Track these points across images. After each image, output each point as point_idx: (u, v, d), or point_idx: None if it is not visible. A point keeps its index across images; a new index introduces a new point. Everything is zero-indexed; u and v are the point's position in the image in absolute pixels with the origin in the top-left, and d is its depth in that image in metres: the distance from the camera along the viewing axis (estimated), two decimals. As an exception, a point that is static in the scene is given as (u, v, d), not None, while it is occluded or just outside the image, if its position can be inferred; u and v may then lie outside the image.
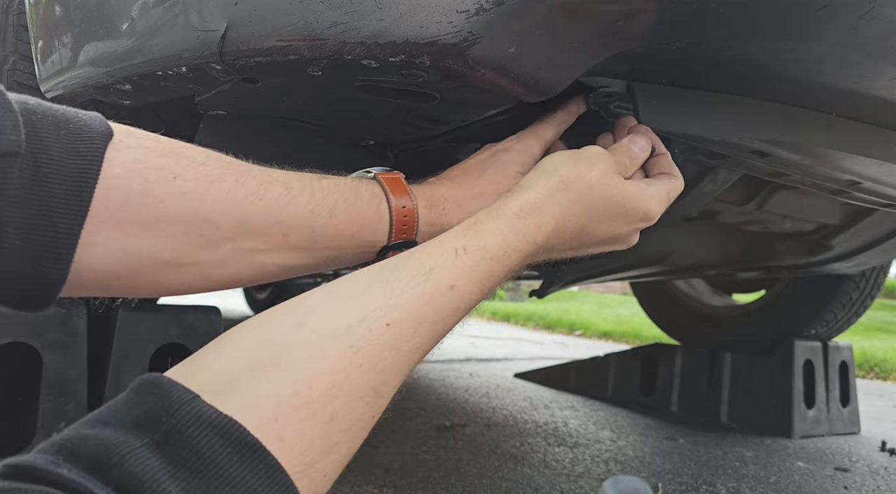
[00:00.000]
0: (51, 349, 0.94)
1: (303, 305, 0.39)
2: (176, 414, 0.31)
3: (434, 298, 0.41)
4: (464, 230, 0.46)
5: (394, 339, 0.38)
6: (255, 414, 0.32)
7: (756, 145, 0.70)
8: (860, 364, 3.99)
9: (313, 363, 0.35)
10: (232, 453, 0.31)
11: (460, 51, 0.47)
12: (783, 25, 0.53)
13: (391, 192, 0.52)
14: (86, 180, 0.39)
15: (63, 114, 0.40)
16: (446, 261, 0.43)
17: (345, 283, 0.41)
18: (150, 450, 0.29)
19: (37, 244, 0.38)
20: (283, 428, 0.33)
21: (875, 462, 1.66)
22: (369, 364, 0.37)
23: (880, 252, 1.39)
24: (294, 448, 0.33)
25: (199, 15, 0.52)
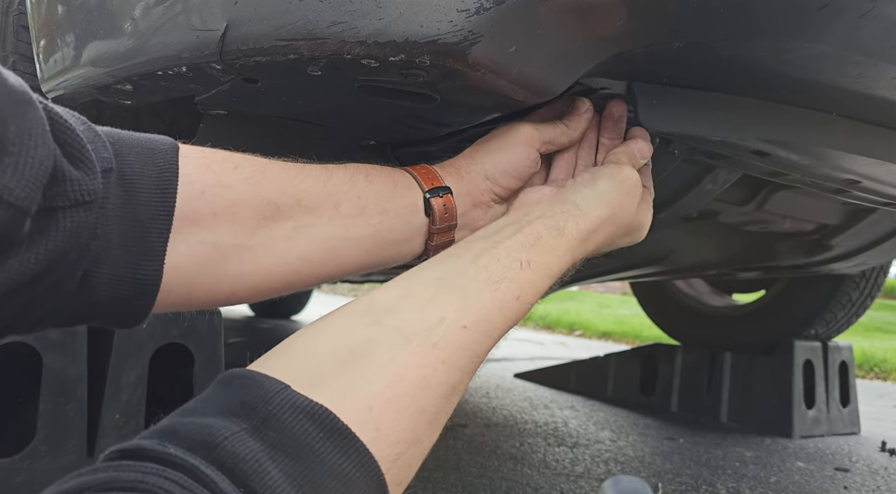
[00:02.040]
0: (51, 349, 0.94)
1: (379, 304, 0.41)
2: (271, 402, 0.32)
3: (503, 306, 0.44)
4: (528, 243, 0.48)
5: (469, 341, 0.41)
6: (350, 405, 0.34)
7: (756, 145, 0.70)
8: (860, 364, 3.99)
9: (402, 358, 0.37)
10: (325, 439, 0.32)
11: (461, 50, 0.47)
12: (784, 25, 0.53)
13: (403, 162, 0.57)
14: (168, 186, 0.42)
15: (133, 135, 0.44)
16: (513, 273, 0.45)
17: (414, 282, 0.43)
18: (250, 435, 0.31)
19: (134, 251, 0.41)
20: (378, 419, 0.35)
21: (875, 462, 1.66)
22: (450, 361, 0.39)
23: (880, 252, 1.39)
24: (388, 438, 0.35)
25: (198, 15, 0.52)
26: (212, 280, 0.46)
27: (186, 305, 0.47)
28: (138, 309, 0.43)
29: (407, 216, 0.53)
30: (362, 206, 0.51)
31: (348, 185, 0.50)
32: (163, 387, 1.04)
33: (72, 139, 0.36)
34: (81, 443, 0.95)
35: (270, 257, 0.48)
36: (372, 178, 0.52)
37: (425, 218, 0.54)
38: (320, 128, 0.72)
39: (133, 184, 0.41)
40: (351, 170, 0.52)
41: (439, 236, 0.55)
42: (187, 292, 0.45)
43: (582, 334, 5.80)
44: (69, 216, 0.36)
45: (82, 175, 0.36)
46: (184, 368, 1.05)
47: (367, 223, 0.51)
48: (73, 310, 0.41)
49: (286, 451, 0.31)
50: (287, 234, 0.48)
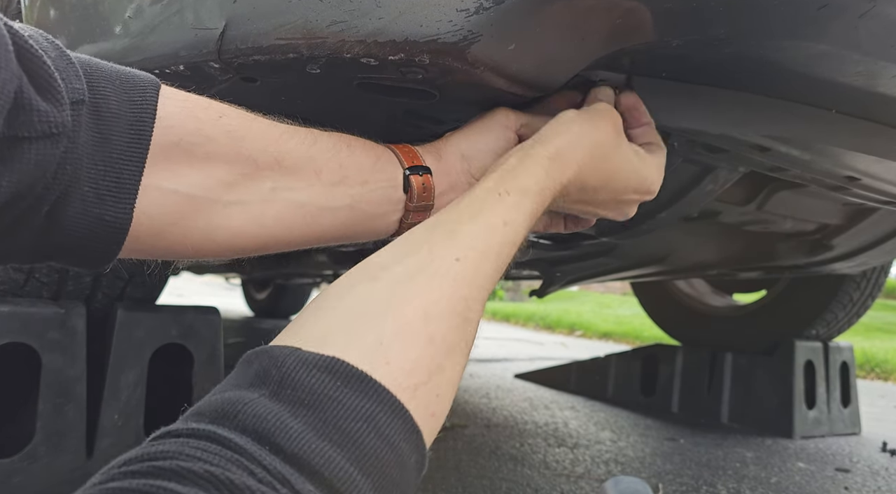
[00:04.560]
0: (50, 349, 0.94)
1: (375, 263, 0.42)
2: (283, 365, 0.33)
3: (492, 233, 0.44)
4: (499, 176, 0.49)
5: (466, 270, 0.42)
6: (358, 349, 0.35)
7: (756, 140, 0.70)
8: (861, 364, 3.99)
9: (399, 297, 0.38)
10: (342, 385, 0.33)
11: (460, 49, 0.47)
12: (783, 25, 0.53)
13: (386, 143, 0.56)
14: (144, 126, 0.41)
15: (114, 67, 0.42)
16: (492, 203, 0.46)
17: (405, 239, 0.44)
18: (269, 398, 0.32)
19: (104, 190, 0.40)
20: (386, 352, 0.35)
21: (876, 462, 1.66)
22: (450, 291, 0.40)
23: (881, 252, 1.38)
24: (402, 369, 0.35)
25: (197, 13, 0.52)
26: (181, 231, 0.45)
27: (152, 254, 0.46)
28: (104, 251, 0.42)
29: (386, 191, 0.53)
30: (343, 175, 0.50)
31: (331, 153, 0.50)
32: (162, 387, 1.04)
33: (39, 67, 0.35)
34: (80, 444, 0.95)
35: (245, 216, 0.47)
36: (354, 149, 0.51)
37: (403, 194, 0.54)
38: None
39: (106, 121, 0.40)
40: (335, 137, 0.51)
41: (415, 215, 0.55)
42: (154, 241, 0.44)
43: (582, 334, 5.80)
44: (34, 148, 0.35)
45: (50, 106, 0.35)
46: (183, 368, 1.05)
47: (346, 193, 0.50)
48: (37, 248, 0.40)
49: (305, 404, 0.32)
50: (264, 195, 0.47)
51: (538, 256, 1.33)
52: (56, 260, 0.42)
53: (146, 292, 1.09)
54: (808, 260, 1.43)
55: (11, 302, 0.93)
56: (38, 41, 0.36)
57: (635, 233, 1.04)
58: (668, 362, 2.14)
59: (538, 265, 1.44)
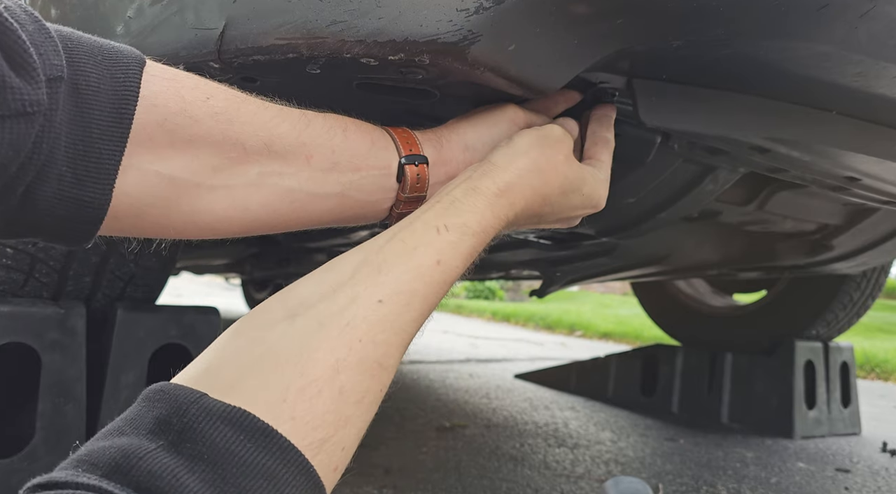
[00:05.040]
0: (50, 349, 0.94)
1: (294, 296, 0.40)
2: (186, 414, 0.31)
3: (422, 273, 0.42)
4: (443, 208, 0.47)
5: (389, 314, 0.40)
6: (263, 400, 0.33)
7: (756, 141, 0.70)
8: (861, 364, 3.99)
9: (313, 345, 0.36)
10: (245, 440, 0.31)
11: (460, 49, 0.47)
12: (783, 25, 0.53)
13: (384, 126, 0.55)
14: (126, 106, 0.39)
15: (97, 41, 0.40)
16: (430, 239, 0.44)
17: (332, 269, 0.42)
18: (166, 450, 0.30)
19: (82, 170, 0.38)
20: (292, 408, 0.34)
21: (876, 462, 1.66)
22: (367, 338, 0.38)
23: (881, 252, 1.38)
24: (307, 425, 0.34)
25: (197, 13, 0.52)
26: (162, 213, 0.43)
27: (132, 233, 0.45)
28: (83, 230, 0.41)
29: (378, 179, 0.51)
30: (335, 162, 0.48)
31: (324, 138, 0.48)
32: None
33: (13, 41, 0.33)
34: (81, 444, 0.95)
35: (229, 200, 0.45)
36: (349, 134, 0.50)
37: (396, 183, 0.52)
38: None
39: (86, 98, 0.38)
40: (329, 121, 0.49)
41: (406, 205, 0.53)
42: (135, 221, 0.43)
43: (582, 334, 5.79)
44: (8, 127, 0.33)
45: (24, 83, 0.33)
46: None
47: (336, 180, 0.49)
48: (11, 226, 0.39)
49: (205, 460, 0.30)
50: (251, 180, 0.46)
51: (538, 256, 1.33)
52: (32, 237, 0.41)
53: (146, 292, 1.09)
54: (808, 260, 1.43)
55: (11, 302, 0.93)
56: (14, 13, 0.35)
57: (635, 233, 1.04)
58: (669, 362, 2.14)
59: (538, 265, 1.44)
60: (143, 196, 0.42)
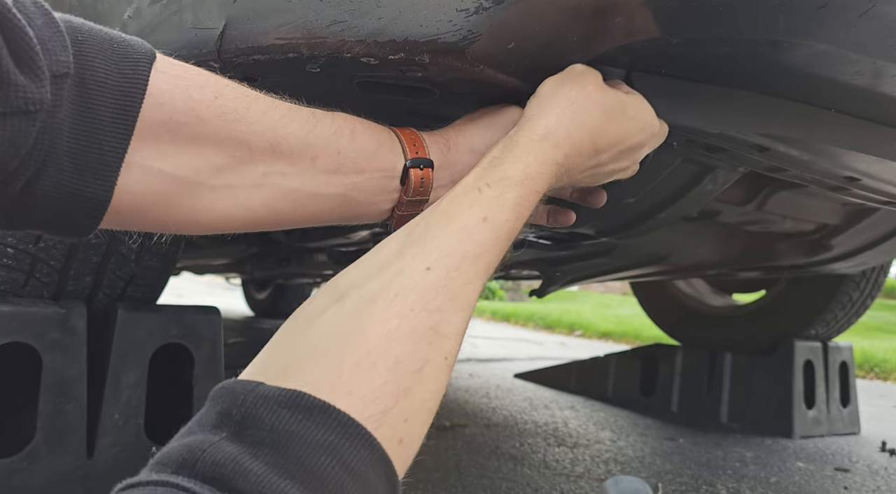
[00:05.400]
0: (51, 349, 0.94)
1: (342, 281, 0.41)
2: (244, 404, 0.32)
3: (469, 233, 0.42)
4: (482, 170, 0.46)
5: (438, 279, 0.39)
6: (319, 380, 0.34)
7: (755, 139, 0.70)
8: (860, 364, 3.99)
9: (363, 321, 0.37)
10: (303, 419, 0.32)
11: (460, 49, 0.47)
12: (783, 24, 0.53)
13: (392, 126, 0.54)
14: (132, 102, 0.39)
15: (108, 34, 0.40)
16: (471, 199, 0.44)
17: (378, 251, 0.43)
18: (229, 441, 0.31)
19: (84, 165, 0.38)
20: (348, 383, 0.34)
21: (875, 462, 1.66)
22: (419, 306, 0.38)
23: (880, 252, 1.38)
24: (364, 398, 0.34)
25: (196, 13, 0.52)
26: (164, 211, 0.43)
27: (135, 227, 0.45)
28: (82, 224, 0.41)
29: (382, 181, 0.51)
30: (340, 163, 0.48)
31: (331, 139, 0.48)
32: (163, 387, 1.04)
33: (20, 38, 0.33)
34: (81, 443, 0.95)
35: (232, 200, 0.45)
36: (357, 135, 0.49)
37: (399, 185, 0.52)
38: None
39: (92, 93, 0.38)
40: (338, 122, 0.49)
41: (408, 207, 0.53)
42: (137, 217, 0.43)
43: (582, 334, 5.80)
44: (9, 123, 0.33)
45: (28, 81, 0.33)
46: (184, 368, 1.05)
47: (340, 182, 0.49)
48: (11, 217, 0.39)
49: (267, 444, 0.31)
50: (255, 180, 0.45)
51: (538, 256, 1.33)
52: (30, 229, 0.41)
53: (147, 292, 1.09)
54: (807, 260, 1.43)
55: (12, 302, 0.93)
56: (24, 7, 0.35)
57: (635, 232, 1.04)
58: (668, 362, 2.14)
59: (538, 265, 1.44)
60: (146, 193, 0.42)
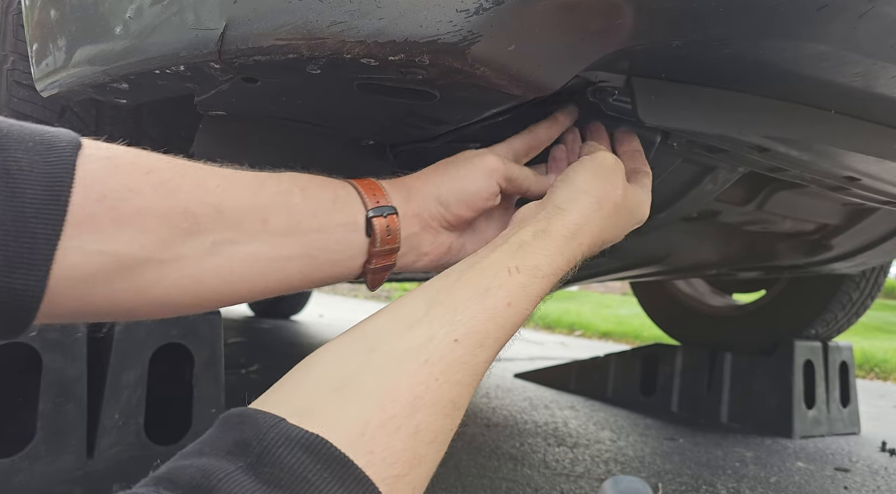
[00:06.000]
0: (51, 349, 0.94)
1: (370, 331, 0.41)
2: (265, 438, 0.32)
3: (495, 315, 0.43)
4: (512, 250, 0.47)
5: (463, 354, 0.40)
6: (343, 431, 0.34)
7: (755, 140, 0.70)
8: (860, 364, 3.99)
9: (393, 380, 0.37)
10: (322, 469, 0.32)
11: (460, 50, 0.47)
12: (783, 25, 0.53)
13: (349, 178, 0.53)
14: (60, 187, 0.38)
15: (29, 127, 0.39)
16: (501, 280, 0.44)
17: (404, 306, 0.43)
18: (245, 473, 0.30)
19: (12, 257, 0.36)
20: (371, 442, 0.34)
21: (875, 462, 1.66)
22: (444, 377, 0.39)
23: (880, 252, 1.39)
24: (384, 461, 0.34)
25: (197, 13, 0.52)
26: (109, 292, 0.41)
27: (76, 318, 0.42)
28: (15, 321, 0.38)
29: (345, 235, 0.49)
30: (294, 223, 0.47)
31: (279, 198, 0.46)
32: (163, 387, 1.04)
33: None
34: (81, 443, 0.95)
35: (182, 272, 0.43)
36: (309, 192, 0.48)
37: (366, 237, 0.51)
38: (319, 129, 0.72)
39: (17, 180, 0.36)
40: (285, 181, 0.47)
41: (379, 259, 0.52)
42: (78, 304, 0.40)
43: (582, 334, 5.80)
44: None
45: None
46: (184, 368, 1.05)
47: (297, 242, 0.47)
48: None
49: (282, 486, 0.30)
50: (205, 250, 0.43)
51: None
52: None
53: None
54: (807, 260, 1.43)
55: (12, 302, 0.93)
56: None
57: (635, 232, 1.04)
58: (668, 362, 2.14)
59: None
60: (87, 277, 0.40)
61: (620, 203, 0.57)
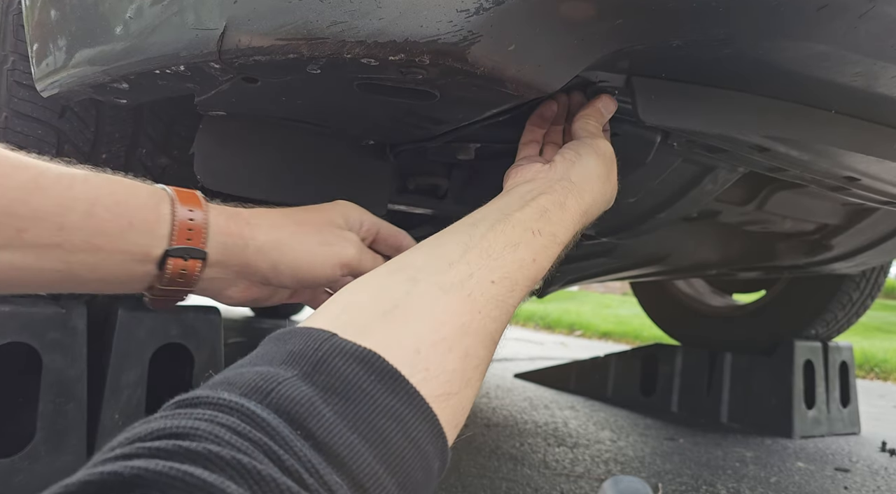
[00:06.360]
0: (51, 349, 0.94)
1: (411, 263, 0.43)
2: (320, 349, 0.33)
3: (523, 266, 0.46)
4: (537, 214, 0.51)
5: (499, 294, 0.43)
6: (398, 348, 0.35)
7: (755, 140, 0.70)
8: (860, 364, 3.99)
9: (440, 307, 0.39)
10: (376, 380, 0.33)
11: (460, 50, 0.47)
12: (783, 25, 0.53)
13: (178, 198, 0.49)
14: None
15: None
16: (528, 239, 0.48)
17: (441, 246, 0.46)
18: (302, 380, 0.31)
19: None
20: (426, 360, 0.36)
21: (875, 462, 1.66)
22: (485, 311, 0.41)
23: (880, 252, 1.39)
24: (438, 378, 0.36)
25: (197, 13, 0.52)
26: None
27: None
28: None
29: (126, 263, 0.46)
30: (62, 240, 0.43)
31: (53, 211, 0.43)
32: (163, 387, 1.05)
33: None
34: (81, 443, 0.95)
35: None
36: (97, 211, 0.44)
37: (156, 269, 0.48)
38: (319, 129, 0.72)
39: None
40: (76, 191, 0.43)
41: (162, 294, 0.49)
42: None
43: (582, 334, 5.80)
44: None
45: None
46: (184, 368, 1.05)
47: (61, 260, 0.44)
48: None
49: (338, 393, 0.31)
50: None
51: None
52: None
53: (146, 292, 1.09)
54: (807, 260, 1.43)
55: (12, 302, 0.93)
56: None
57: (635, 232, 1.04)
58: (668, 362, 2.14)
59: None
60: None
61: (613, 189, 0.63)
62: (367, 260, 0.58)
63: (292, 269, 0.53)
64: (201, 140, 0.70)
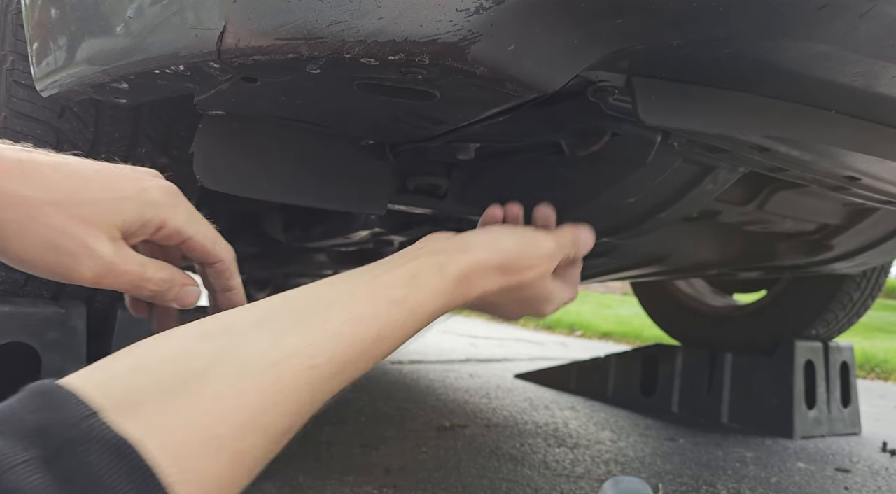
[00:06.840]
0: (50, 349, 0.94)
1: (233, 327, 0.38)
2: (74, 428, 0.29)
3: (362, 345, 0.41)
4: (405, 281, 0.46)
5: (316, 379, 0.38)
6: (162, 440, 0.31)
7: (756, 140, 0.70)
8: (861, 364, 3.99)
9: (230, 396, 0.34)
10: (124, 477, 0.29)
11: (460, 49, 0.47)
12: (783, 25, 0.53)
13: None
14: None
15: None
16: (380, 310, 0.43)
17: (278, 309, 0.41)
18: (42, 464, 0.28)
19: None
20: (187, 459, 0.31)
21: (876, 462, 1.66)
22: (286, 401, 0.36)
23: (881, 252, 1.38)
24: (197, 482, 0.32)
25: (197, 13, 0.52)
26: None
27: None
28: None
29: None
30: None
31: None
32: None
33: None
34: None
35: None
36: None
37: None
38: (319, 129, 0.72)
39: None
40: None
41: None
42: None
43: (582, 334, 5.79)
44: None
45: None
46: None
47: None
48: None
49: (77, 486, 0.28)
50: None
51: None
52: None
53: (146, 292, 1.09)
54: (808, 260, 1.43)
55: (11, 302, 0.93)
56: None
57: (635, 232, 1.04)
58: (668, 362, 2.14)
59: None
60: None
61: (527, 284, 0.55)
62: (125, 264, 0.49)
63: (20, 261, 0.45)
64: (201, 140, 0.70)
